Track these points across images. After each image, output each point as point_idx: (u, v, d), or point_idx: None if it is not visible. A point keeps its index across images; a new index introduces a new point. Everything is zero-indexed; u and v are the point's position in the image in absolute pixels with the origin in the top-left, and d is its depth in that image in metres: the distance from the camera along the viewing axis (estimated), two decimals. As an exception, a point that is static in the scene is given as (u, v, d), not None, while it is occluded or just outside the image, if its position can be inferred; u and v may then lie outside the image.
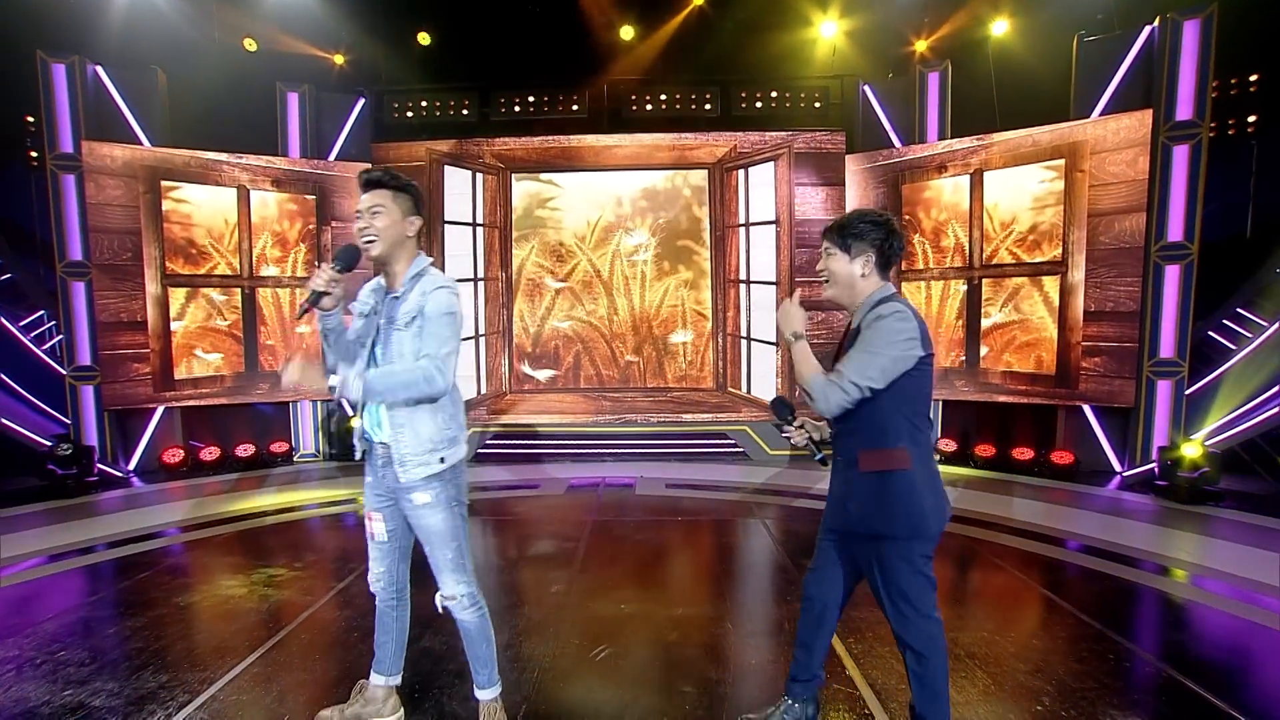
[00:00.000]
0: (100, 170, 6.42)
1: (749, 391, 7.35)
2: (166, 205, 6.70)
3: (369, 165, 7.11)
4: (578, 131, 7.29)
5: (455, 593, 2.15)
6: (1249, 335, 6.43)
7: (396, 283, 2.10)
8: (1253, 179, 6.94)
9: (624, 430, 7.35)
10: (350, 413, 2.16)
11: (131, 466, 6.82)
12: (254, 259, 7.07)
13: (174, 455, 6.84)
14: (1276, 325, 6.22)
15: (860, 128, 7.26)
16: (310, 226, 7.26)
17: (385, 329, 2.08)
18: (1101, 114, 6.10)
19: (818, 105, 7.27)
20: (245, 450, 7.03)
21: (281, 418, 7.38)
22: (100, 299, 6.49)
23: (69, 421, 6.53)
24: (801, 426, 2.14)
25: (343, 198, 7.32)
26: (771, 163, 7.23)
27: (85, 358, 6.53)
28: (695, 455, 7.30)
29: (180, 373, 6.85)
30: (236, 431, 7.15)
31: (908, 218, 7.00)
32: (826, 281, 2.02)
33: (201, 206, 6.86)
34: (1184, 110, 5.84)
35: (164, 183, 6.67)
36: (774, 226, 7.27)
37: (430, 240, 7.32)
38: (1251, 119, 6.99)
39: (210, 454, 6.94)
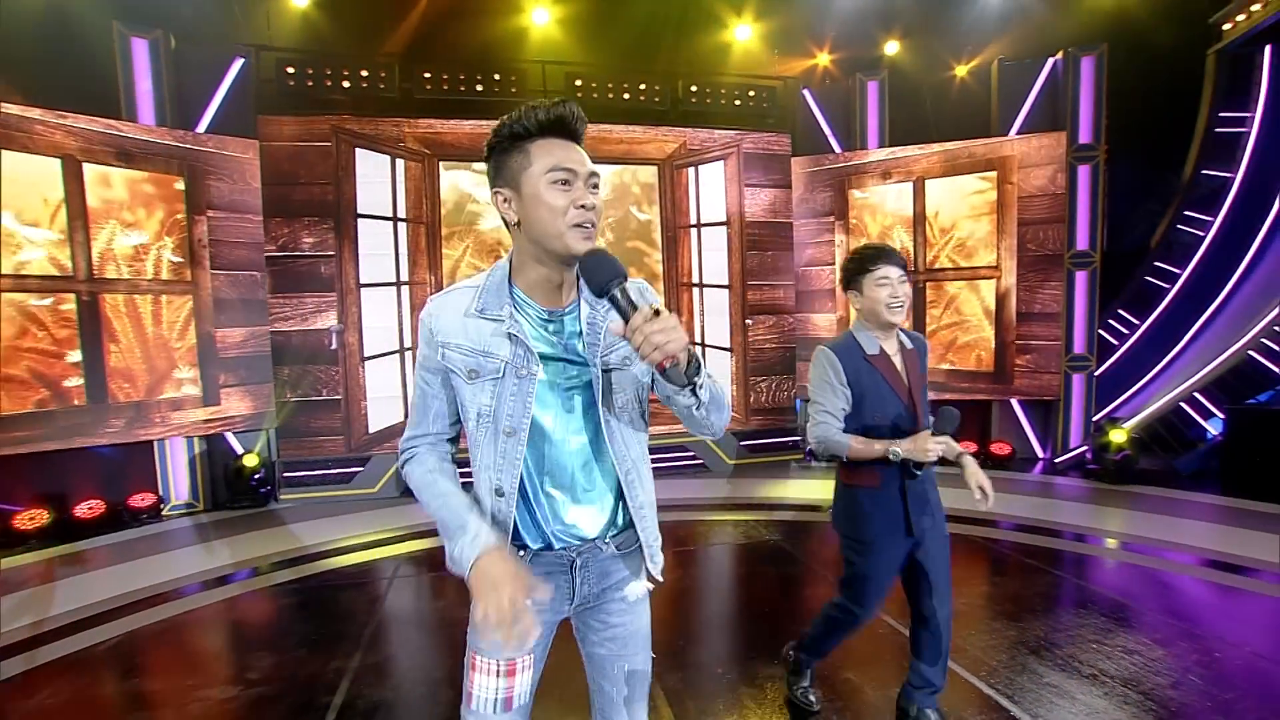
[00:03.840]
0: None
1: (705, 400, 7.01)
2: (-47, 179, 4.83)
3: (254, 141, 5.72)
4: (518, 116, 6.44)
5: None
6: (1126, 333, 7.42)
7: (565, 297, 1.33)
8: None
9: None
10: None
11: (-98, 546, 4.83)
12: (94, 254, 5.35)
13: (-26, 525, 4.95)
14: (1145, 324, 7.28)
15: (801, 131, 7.26)
16: (178, 216, 5.67)
17: (599, 372, 1.32)
18: (1019, 133, 6.65)
19: (765, 105, 7.13)
20: (90, 509, 5.30)
21: (143, 461, 5.68)
22: None
23: None
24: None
25: (219, 179, 5.81)
26: (721, 161, 6.98)
27: None
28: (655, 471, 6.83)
29: (-18, 410, 4.98)
30: (76, 484, 5.37)
31: (854, 221, 7.13)
32: (900, 305, 2.12)
33: (6, 179, 5.03)
34: (1085, 134, 6.54)
35: (-52, 147, 4.80)
36: (724, 228, 7.03)
37: (340, 236, 6.08)
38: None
39: (30, 520, 5.12)
